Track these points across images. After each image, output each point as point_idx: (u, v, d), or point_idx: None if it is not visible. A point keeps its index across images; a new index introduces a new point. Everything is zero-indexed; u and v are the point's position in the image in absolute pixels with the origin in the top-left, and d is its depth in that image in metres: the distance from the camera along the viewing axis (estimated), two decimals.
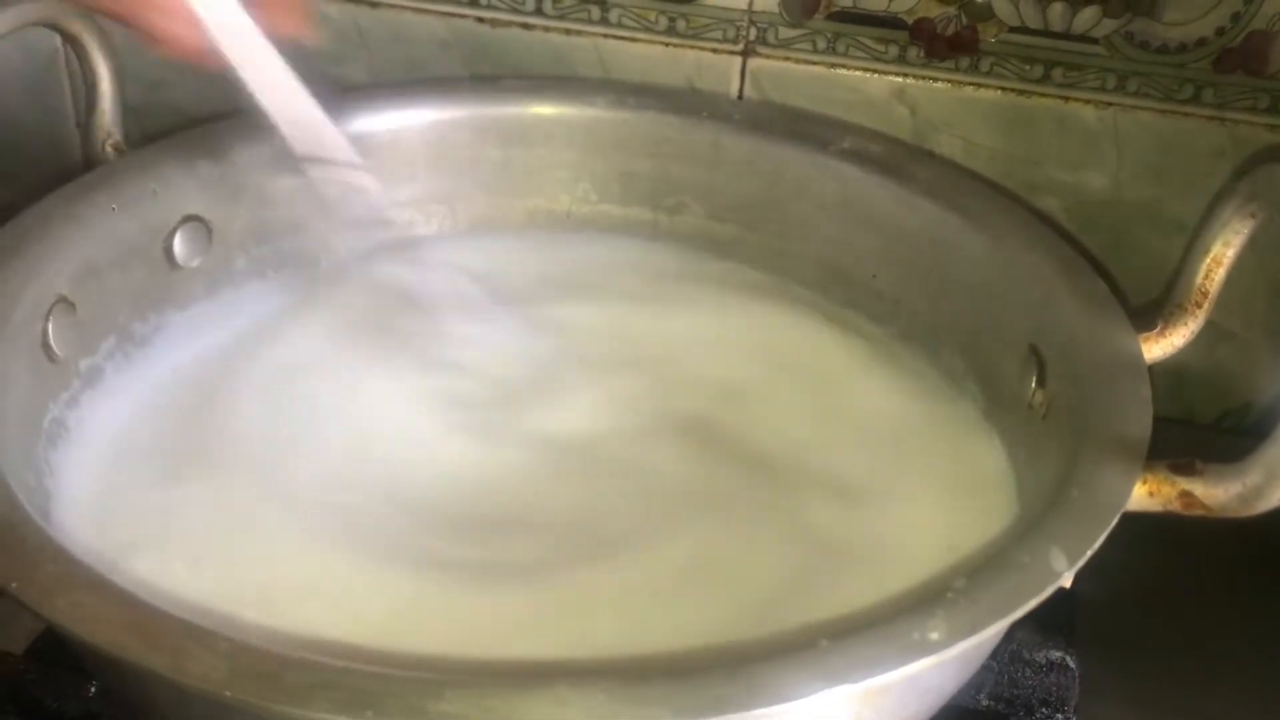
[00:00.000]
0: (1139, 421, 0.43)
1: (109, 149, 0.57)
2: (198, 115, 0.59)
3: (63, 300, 0.50)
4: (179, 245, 0.55)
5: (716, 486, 0.50)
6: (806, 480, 0.50)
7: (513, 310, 0.58)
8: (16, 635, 0.48)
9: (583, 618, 0.43)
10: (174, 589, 0.42)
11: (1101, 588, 0.43)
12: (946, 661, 0.34)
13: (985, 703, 0.49)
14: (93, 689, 0.46)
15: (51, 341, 0.49)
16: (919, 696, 0.40)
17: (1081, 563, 0.37)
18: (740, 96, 0.64)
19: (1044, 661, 0.50)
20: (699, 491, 0.49)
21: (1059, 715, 0.49)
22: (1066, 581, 0.37)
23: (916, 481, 0.50)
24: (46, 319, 0.49)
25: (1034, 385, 0.49)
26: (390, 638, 0.41)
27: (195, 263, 0.56)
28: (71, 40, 0.56)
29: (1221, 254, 0.48)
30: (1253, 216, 0.46)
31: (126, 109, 0.58)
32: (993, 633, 0.35)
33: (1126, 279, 0.58)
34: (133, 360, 0.54)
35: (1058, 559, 0.37)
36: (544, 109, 0.63)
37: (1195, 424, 0.66)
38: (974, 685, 0.49)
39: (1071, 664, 0.50)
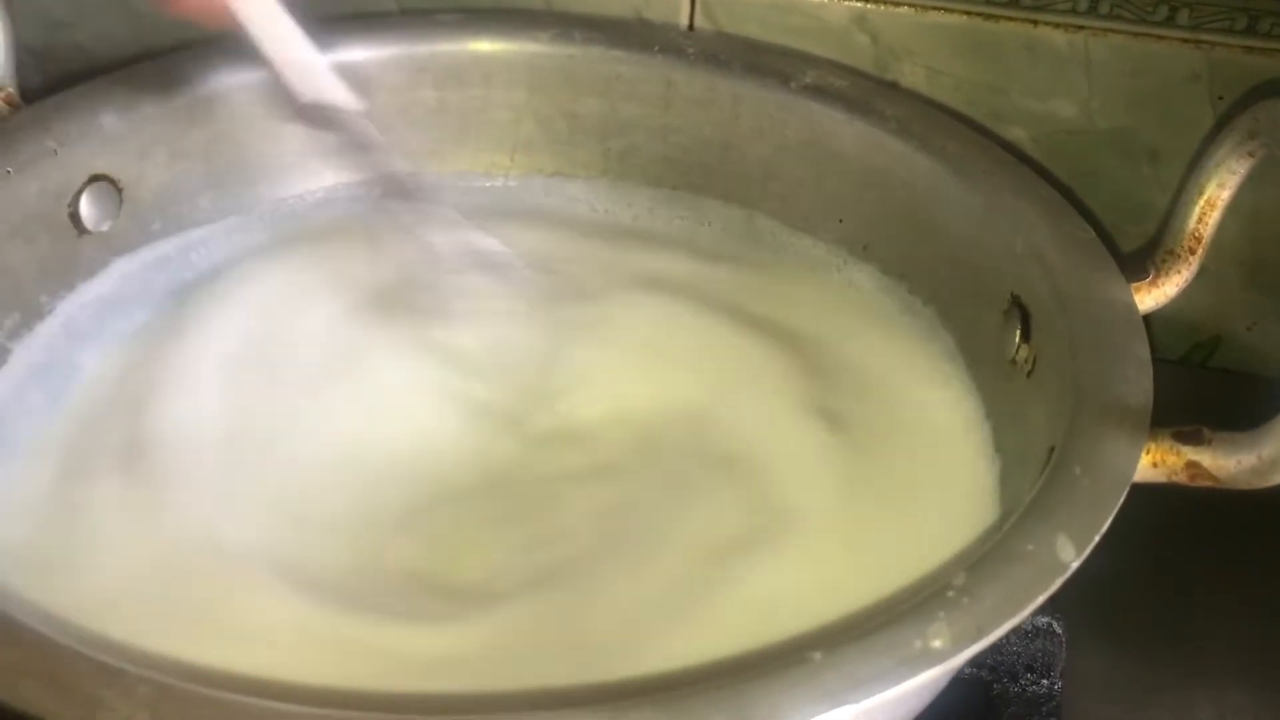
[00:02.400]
0: (1139, 385, 0.40)
1: (2, 103, 0.52)
2: (105, 57, 0.55)
3: None
4: (86, 208, 0.52)
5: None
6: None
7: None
8: None
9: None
10: (90, 619, 0.38)
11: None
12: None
13: (969, 670, 0.47)
14: None
15: None
16: (917, 698, 0.37)
17: (1090, 549, 0.35)
18: (691, 26, 0.61)
19: (1029, 627, 0.48)
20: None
21: (1044, 680, 0.47)
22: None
23: None
24: None
25: (1017, 339, 0.47)
26: (339, 676, 0.37)
27: (106, 226, 0.53)
28: None
29: (1216, 196, 0.46)
30: (1251, 155, 0.44)
31: (26, 51, 0.54)
32: (1000, 634, 0.32)
33: (1096, 210, 0.56)
34: (40, 337, 0.50)
35: (1065, 548, 0.34)
36: (482, 45, 0.59)
37: (1162, 359, 0.63)
38: None
39: (1058, 629, 0.48)
